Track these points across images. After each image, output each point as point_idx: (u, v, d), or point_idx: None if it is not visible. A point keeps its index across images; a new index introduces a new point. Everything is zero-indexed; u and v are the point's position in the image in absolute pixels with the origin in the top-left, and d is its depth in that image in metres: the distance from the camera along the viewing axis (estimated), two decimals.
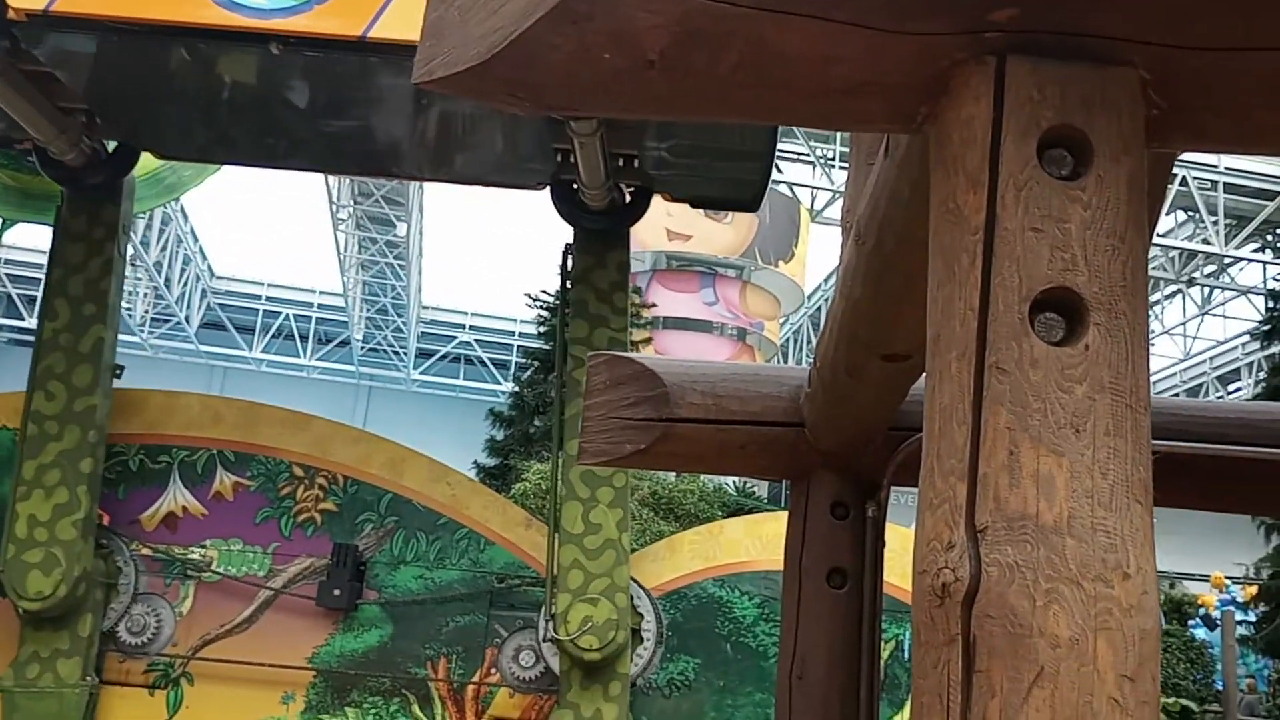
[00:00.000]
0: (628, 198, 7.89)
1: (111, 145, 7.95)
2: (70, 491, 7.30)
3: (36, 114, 7.02)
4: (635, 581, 7.88)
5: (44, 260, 29.00)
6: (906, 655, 8.27)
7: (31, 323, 34.20)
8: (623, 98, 1.43)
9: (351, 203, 30.84)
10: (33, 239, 31.20)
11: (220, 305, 36.35)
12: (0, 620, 7.52)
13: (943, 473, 1.11)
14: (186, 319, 34.17)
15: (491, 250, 35.71)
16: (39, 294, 34.47)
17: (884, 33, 1.18)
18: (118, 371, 7.98)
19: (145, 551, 7.90)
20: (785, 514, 8.54)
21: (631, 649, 7.67)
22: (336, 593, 7.72)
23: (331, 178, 29.87)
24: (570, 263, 7.96)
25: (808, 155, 28.43)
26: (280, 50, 6.20)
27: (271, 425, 8.20)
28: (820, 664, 2.70)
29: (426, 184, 32.50)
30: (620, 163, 7.39)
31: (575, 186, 7.51)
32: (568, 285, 8.02)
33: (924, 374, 2.18)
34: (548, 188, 7.68)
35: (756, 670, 7.85)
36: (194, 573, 7.86)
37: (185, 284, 33.64)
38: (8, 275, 33.50)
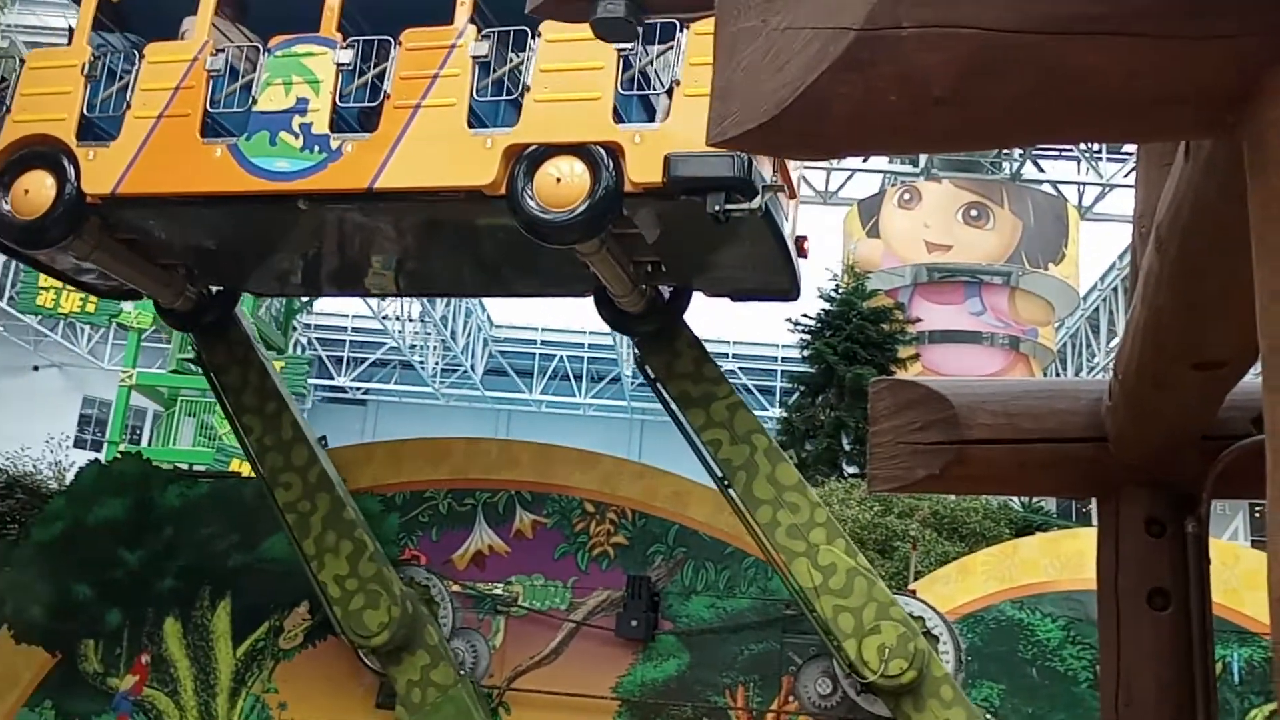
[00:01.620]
0: (667, 295, 7.88)
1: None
2: (349, 540, 8.02)
3: (139, 274, 8.04)
4: (903, 592, 7.71)
5: (348, 324, 31.67)
6: (1235, 678, 7.58)
7: (340, 380, 37.66)
8: (910, 136, 1.46)
9: None
10: (336, 305, 34.40)
11: (500, 352, 38.61)
12: (339, 672, 8.30)
13: None
14: (472, 367, 36.54)
15: None
16: (344, 354, 37.54)
17: (1189, 40, 1.15)
18: (323, 441, 8.73)
19: (456, 588, 8.50)
20: (1083, 530, 8.13)
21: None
22: (634, 623, 7.99)
23: None
24: (650, 372, 8.02)
25: (1071, 150, 26.97)
26: (307, 205, 6.91)
27: (563, 464, 8.64)
28: (1148, 690, 2.56)
29: None
30: (649, 268, 7.42)
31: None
32: (662, 390, 7.99)
33: (1239, 380, 2.05)
34: (592, 296, 7.81)
35: (1067, 696, 7.42)
36: (503, 608, 8.38)
37: (469, 335, 36.03)
38: (318, 339, 36.97)
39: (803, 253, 7.63)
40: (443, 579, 8.46)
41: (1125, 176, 26.25)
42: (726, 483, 7.61)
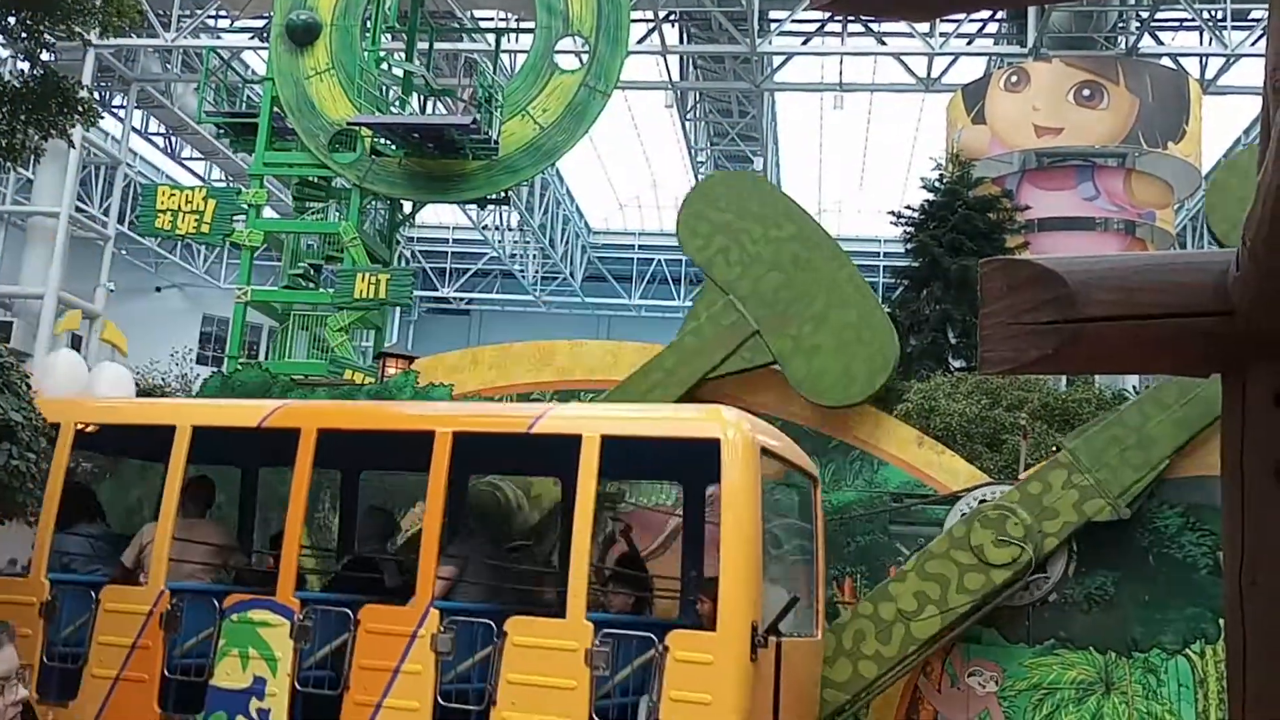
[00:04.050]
0: None
1: None
2: None
3: None
4: (1014, 483, 7.61)
5: (449, 235, 32.30)
6: None
7: (444, 291, 38.32)
8: None
9: (709, 144, 31.59)
10: (438, 217, 34.86)
11: (599, 258, 38.79)
12: None
13: None
14: (571, 274, 36.84)
15: (848, 172, 35.20)
16: (447, 266, 38.22)
17: None
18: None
19: None
20: None
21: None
22: None
23: (689, 123, 30.76)
24: None
25: (1192, 20, 25.46)
26: None
27: None
28: (1277, 568, 2.49)
29: (778, 116, 32.62)
30: None
31: None
32: None
33: None
34: None
35: (1185, 583, 7.27)
36: (609, 504, 8.56)
37: (567, 242, 36.26)
38: (421, 252, 37.62)
39: None
40: None
41: (1252, 45, 24.69)
42: None
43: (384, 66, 17.32)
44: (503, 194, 18.05)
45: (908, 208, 19.89)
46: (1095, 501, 7.25)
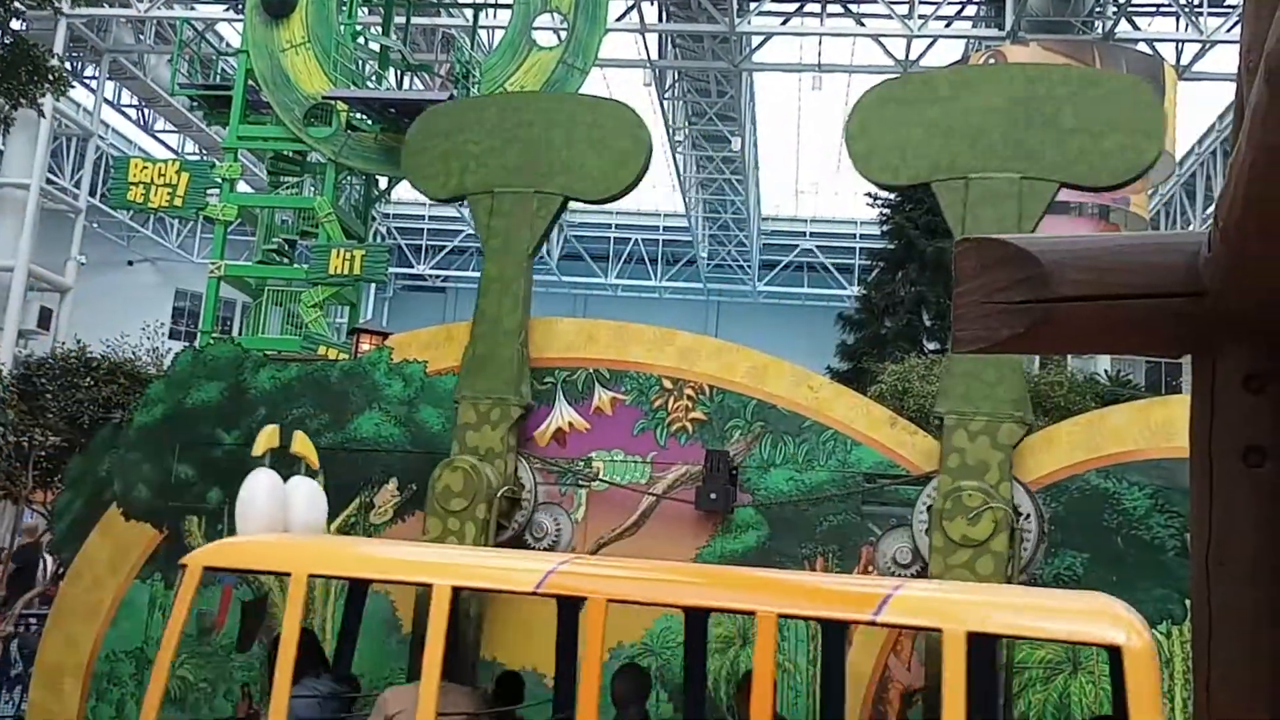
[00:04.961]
0: None
1: None
2: None
3: None
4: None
5: (425, 212, 32.01)
6: None
7: (419, 269, 38.09)
8: None
9: (687, 124, 31.48)
10: (414, 193, 34.63)
11: (576, 237, 38.65)
12: None
13: None
14: (548, 252, 36.71)
15: (826, 153, 35.18)
16: (422, 243, 37.89)
17: None
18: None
19: (538, 465, 8.69)
20: (1174, 398, 7.87)
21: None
22: (713, 496, 8.09)
23: (667, 102, 30.64)
24: None
25: (1169, 5, 25.58)
26: None
27: (639, 343, 8.68)
28: (1246, 546, 2.50)
29: (757, 96, 32.54)
30: None
31: None
32: None
33: None
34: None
35: (1153, 564, 7.35)
36: (584, 482, 8.56)
37: None
38: (396, 229, 37.35)
39: None
40: (525, 455, 8.64)
41: (1228, 31, 24.83)
42: None
43: (360, 40, 17.13)
44: None
45: (885, 189, 19.91)
46: (1003, 429, 7.44)
